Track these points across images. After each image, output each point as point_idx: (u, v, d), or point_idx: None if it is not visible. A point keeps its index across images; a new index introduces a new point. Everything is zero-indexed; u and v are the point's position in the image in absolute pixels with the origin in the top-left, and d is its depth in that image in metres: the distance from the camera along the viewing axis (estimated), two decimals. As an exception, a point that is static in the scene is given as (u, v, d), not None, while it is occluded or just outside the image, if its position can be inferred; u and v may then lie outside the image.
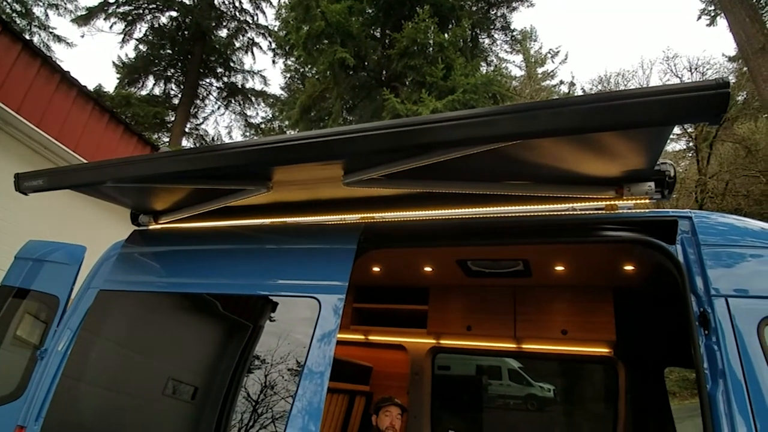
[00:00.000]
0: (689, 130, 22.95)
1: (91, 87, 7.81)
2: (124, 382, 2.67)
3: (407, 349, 4.49)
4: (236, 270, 2.73)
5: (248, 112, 22.84)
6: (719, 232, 2.08)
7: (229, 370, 2.48)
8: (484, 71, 14.25)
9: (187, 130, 21.51)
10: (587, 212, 2.37)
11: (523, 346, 4.16)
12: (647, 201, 2.23)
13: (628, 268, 3.29)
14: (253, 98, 22.30)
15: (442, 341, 4.34)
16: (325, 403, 3.71)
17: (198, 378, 2.55)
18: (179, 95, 21.10)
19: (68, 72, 7.40)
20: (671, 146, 23.33)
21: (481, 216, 2.54)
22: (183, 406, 2.52)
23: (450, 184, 2.31)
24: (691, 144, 22.93)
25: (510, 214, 2.49)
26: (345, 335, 4.52)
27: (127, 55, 20.85)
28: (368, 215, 2.76)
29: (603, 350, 3.91)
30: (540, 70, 28.30)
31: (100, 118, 7.70)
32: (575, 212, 2.41)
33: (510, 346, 4.17)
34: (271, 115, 22.98)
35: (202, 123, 22.91)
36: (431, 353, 4.44)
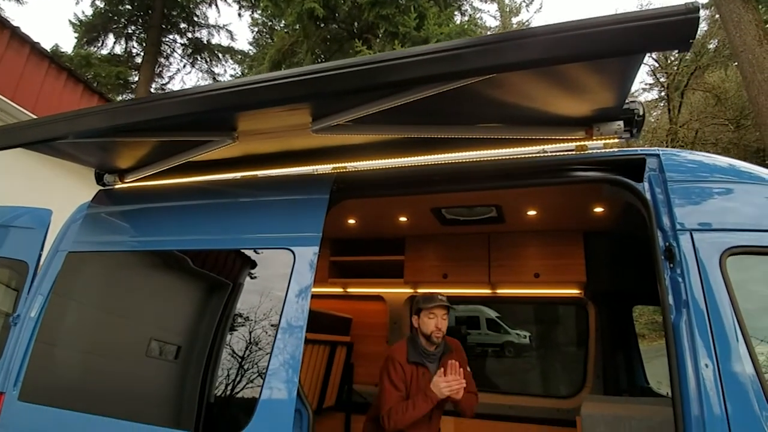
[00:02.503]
0: (662, 79, 23.13)
1: (47, 48, 7.31)
2: (102, 344, 2.65)
3: (385, 300, 4.57)
4: (208, 225, 2.68)
5: (216, 70, 21.92)
6: (687, 169, 2.12)
7: (204, 325, 2.48)
8: (458, 21, 13.91)
9: (152, 90, 20.58)
10: (558, 153, 2.38)
11: (498, 291, 4.28)
12: (616, 140, 2.24)
13: (598, 210, 3.36)
14: (220, 55, 21.35)
15: (419, 290, 4.43)
16: (307, 354, 3.81)
17: (172, 334, 2.55)
18: (142, 54, 20.09)
19: (18, 27, 6.94)
20: (644, 96, 23.52)
21: (453, 162, 2.53)
22: (157, 364, 2.52)
23: (421, 129, 2.27)
24: (663, 93, 23.14)
25: (482, 158, 2.49)
26: (323, 288, 4.57)
27: (83, 12, 19.59)
28: (341, 165, 2.72)
29: (574, 291, 4.06)
30: (515, 20, 27.77)
31: (58, 76, 7.30)
32: (546, 154, 2.41)
33: (485, 291, 4.28)
34: (240, 72, 22.13)
35: (168, 83, 21.93)
36: (409, 302, 4.53)
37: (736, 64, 13.35)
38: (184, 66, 21.74)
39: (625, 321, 4.13)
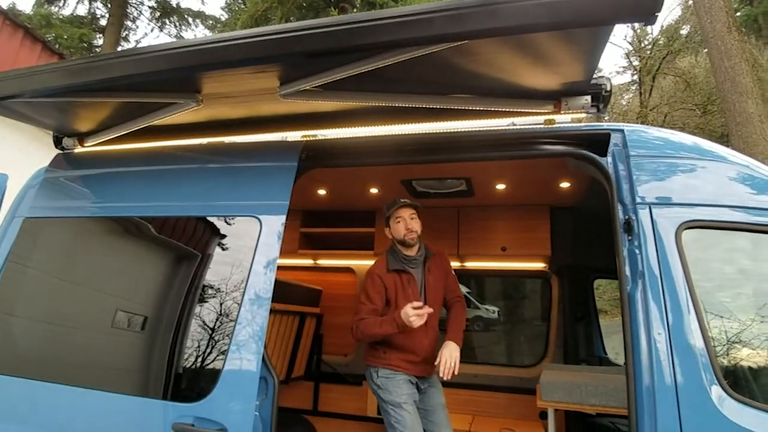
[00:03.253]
0: (635, 63, 23.49)
1: (2, 5, 6.88)
2: (61, 312, 2.59)
3: (356, 272, 4.60)
4: (172, 191, 2.62)
5: (185, 35, 21.15)
6: (650, 145, 2.16)
7: (168, 292, 2.45)
8: (437, -6, 13.69)
9: (118, 55, 19.71)
10: (527, 126, 2.40)
11: (466, 264, 4.36)
12: (584, 115, 2.28)
13: (565, 185, 3.43)
14: (189, 19, 20.48)
15: None
16: (276, 324, 3.81)
17: (133, 301, 2.51)
18: (107, 16, 19.14)
19: (-33, -21, 6.49)
20: (617, 79, 23.89)
21: (423, 132, 2.53)
22: (118, 332, 2.48)
23: (392, 97, 2.25)
24: (635, 77, 23.55)
25: (452, 130, 2.49)
26: (293, 260, 4.55)
27: (43, -32, 18.43)
28: (310, 133, 2.68)
29: (539, 265, 4.17)
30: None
31: (13, 34, 6.86)
32: (515, 127, 2.44)
33: (453, 264, 4.34)
34: (211, 40, 21.37)
35: (135, 47, 21.09)
36: None
37: (706, 50, 13.62)
38: (152, 30, 20.98)
39: (586, 294, 4.29)
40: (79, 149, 3.00)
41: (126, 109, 2.59)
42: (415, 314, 2.61)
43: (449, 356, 2.70)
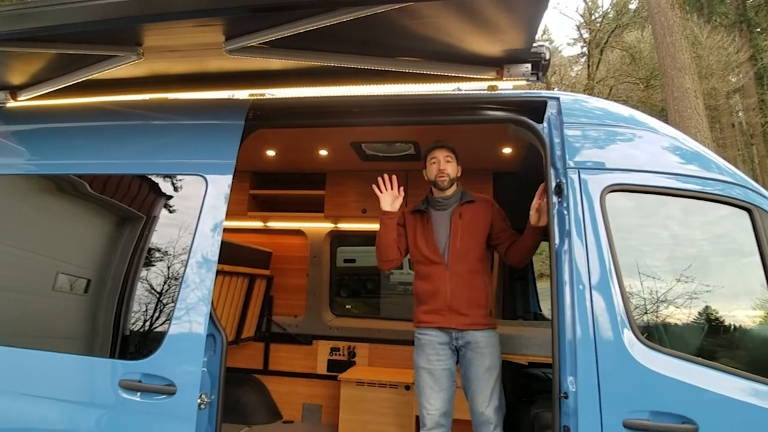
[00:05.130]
0: (585, 35, 24.07)
1: None
2: None
3: (306, 234, 4.64)
4: (113, 148, 2.55)
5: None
6: (585, 114, 2.29)
7: (110, 252, 2.41)
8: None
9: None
10: (471, 92, 2.49)
11: None
12: (524, 82, 2.38)
13: (506, 150, 3.58)
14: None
15: (339, 225, 4.53)
16: (225, 286, 3.82)
17: (74, 266, 2.46)
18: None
19: None
20: (566, 51, 24.47)
21: (371, 95, 2.56)
22: (61, 297, 2.44)
23: (340, 57, 2.26)
24: (584, 49, 24.18)
25: (399, 93, 2.54)
26: (243, 222, 4.53)
27: None
28: (258, 92, 2.66)
29: None
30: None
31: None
32: (460, 92, 2.52)
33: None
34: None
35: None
36: (329, 236, 4.63)
37: (650, 27, 14.11)
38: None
39: None
40: (11, 103, 2.84)
41: (63, 62, 2.45)
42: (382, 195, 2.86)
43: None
